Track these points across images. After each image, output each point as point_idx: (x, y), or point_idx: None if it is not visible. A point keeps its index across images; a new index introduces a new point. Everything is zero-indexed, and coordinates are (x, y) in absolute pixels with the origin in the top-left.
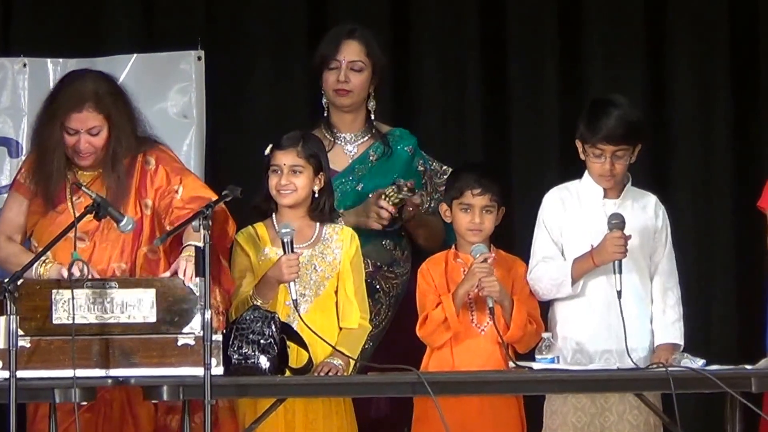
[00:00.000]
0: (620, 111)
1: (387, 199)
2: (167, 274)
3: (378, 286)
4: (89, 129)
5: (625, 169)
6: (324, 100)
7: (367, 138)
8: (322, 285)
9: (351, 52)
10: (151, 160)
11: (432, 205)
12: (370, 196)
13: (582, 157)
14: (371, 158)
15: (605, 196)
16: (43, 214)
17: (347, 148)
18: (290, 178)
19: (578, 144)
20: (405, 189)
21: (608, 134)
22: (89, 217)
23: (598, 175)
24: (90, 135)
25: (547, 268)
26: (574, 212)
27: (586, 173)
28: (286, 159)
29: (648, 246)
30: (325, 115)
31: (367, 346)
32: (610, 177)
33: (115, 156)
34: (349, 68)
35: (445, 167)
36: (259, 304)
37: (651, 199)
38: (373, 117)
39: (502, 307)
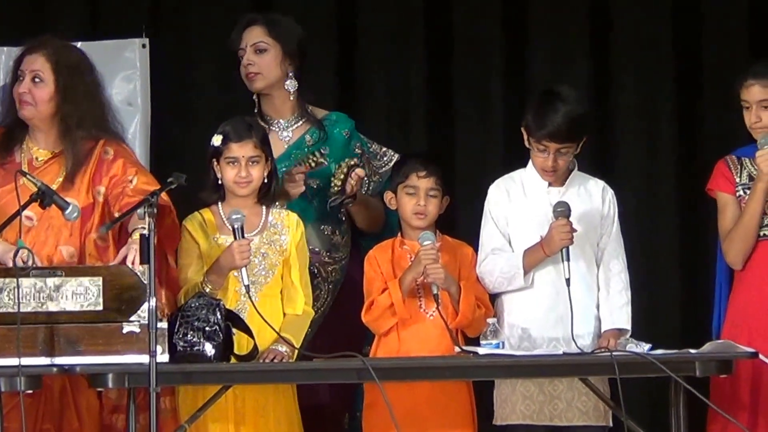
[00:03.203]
0: (567, 108)
1: (334, 176)
2: (115, 262)
3: (317, 272)
4: (33, 72)
5: (567, 163)
6: (254, 95)
7: (301, 123)
8: (271, 272)
9: (252, 36)
10: (110, 150)
11: (371, 187)
12: (308, 182)
13: (526, 144)
14: (308, 143)
15: (550, 184)
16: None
17: (282, 135)
18: (249, 169)
19: (524, 131)
20: (351, 164)
21: (553, 132)
22: None
23: (541, 169)
24: (32, 82)
25: (497, 261)
26: (519, 202)
27: (530, 162)
28: (244, 151)
29: (594, 232)
30: (256, 110)
31: (307, 332)
32: (552, 172)
33: (68, 126)
34: (253, 51)
35: (384, 149)
36: (209, 290)
37: (598, 185)
38: (292, 98)
39: (450, 294)
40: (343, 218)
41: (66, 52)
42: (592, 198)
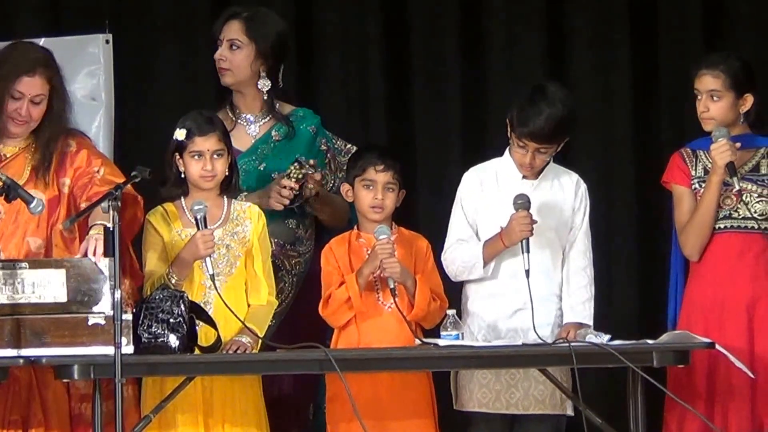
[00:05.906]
0: (551, 110)
1: (289, 176)
2: (78, 256)
3: (281, 265)
4: (34, 96)
5: (545, 162)
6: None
7: (268, 118)
8: (234, 264)
9: (230, 30)
10: (72, 143)
11: (336, 183)
12: (273, 176)
13: (508, 136)
14: (274, 138)
15: (524, 176)
16: None
17: (249, 129)
18: (213, 163)
19: (507, 123)
20: (307, 166)
21: (534, 132)
22: None
23: (519, 164)
24: (33, 103)
25: (460, 250)
26: (492, 193)
27: (507, 151)
28: (209, 144)
29: (563, 225)
30: (228, 102)
31: (271, 324)
32: (530, 168)
33: (53, 131)
34: (227, 47)
35: (349, 146)
36: (174, 282)
37: (572, 177)
38: (266, 97)
39: (405, 287)
40: (307, 212)
41: (52, 58)
42: (565, 191)
